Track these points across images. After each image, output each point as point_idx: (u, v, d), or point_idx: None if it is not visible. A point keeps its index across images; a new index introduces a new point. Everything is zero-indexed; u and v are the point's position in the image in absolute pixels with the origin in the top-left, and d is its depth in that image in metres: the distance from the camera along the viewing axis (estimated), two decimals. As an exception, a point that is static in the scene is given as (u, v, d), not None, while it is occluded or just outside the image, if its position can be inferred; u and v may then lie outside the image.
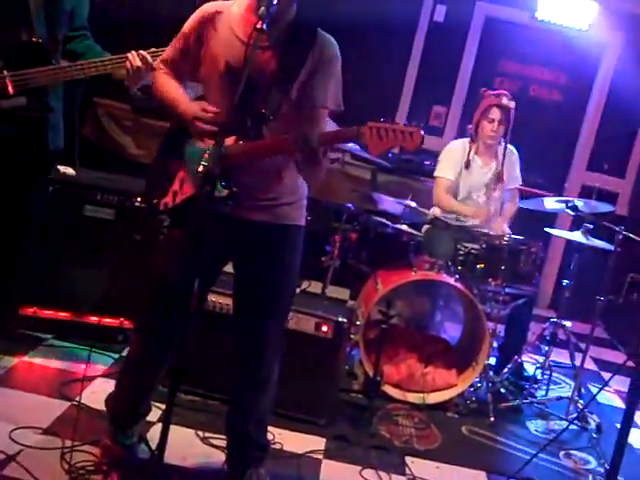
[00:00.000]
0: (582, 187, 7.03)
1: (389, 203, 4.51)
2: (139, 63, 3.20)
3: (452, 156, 4.84)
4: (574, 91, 7.10)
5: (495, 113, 4.66)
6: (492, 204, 4.80)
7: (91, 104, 5.90)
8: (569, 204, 4.39)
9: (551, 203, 4.53)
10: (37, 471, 2.81)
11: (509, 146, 4.79)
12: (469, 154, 4.76)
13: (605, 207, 4.54)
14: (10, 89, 3.19)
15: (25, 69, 3.21)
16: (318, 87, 2.68)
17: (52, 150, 3.49)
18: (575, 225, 5.26)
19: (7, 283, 3.68)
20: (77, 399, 3.32)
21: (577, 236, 4.31)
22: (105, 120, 5.97)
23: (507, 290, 4.31)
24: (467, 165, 4.75)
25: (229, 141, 2.58)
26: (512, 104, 4.67)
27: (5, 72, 3.17)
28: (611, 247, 4.32)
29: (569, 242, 5.18)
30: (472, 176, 4.79)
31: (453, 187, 4.82)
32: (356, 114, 2.70)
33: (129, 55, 3.24)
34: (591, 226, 4.31)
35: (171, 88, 2.79)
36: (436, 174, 4.89)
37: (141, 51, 3.23)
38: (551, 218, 6.44)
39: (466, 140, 4.86)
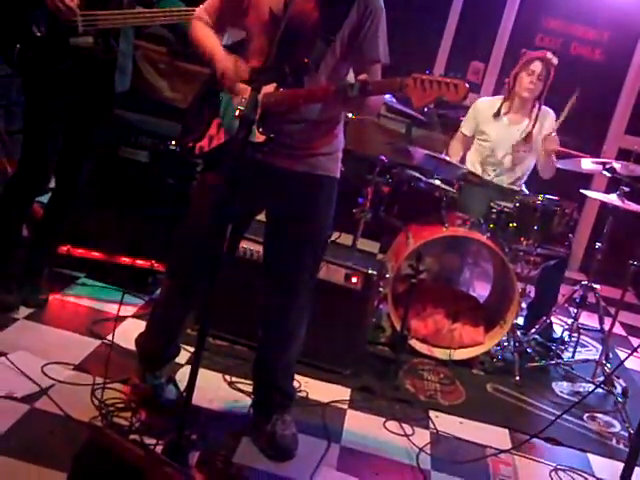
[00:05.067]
0: (619, 150, 6.91)
1: (423, 157, 4.46)
2: None
3: (473, 113, 4.84)
4: (617, 51, 6.93)
5: (537, 66, 4.57)
6: (517, 165, 4.73)
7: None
8: (606, 166, 4.33)
9: (588, 164, 4.47)
10: (67, 406, 2.86)
11: (545, 107, 4.70)
12: (500, 108, 4.70)
13: (643, 170, 4.47)
14: (79, 27, 3.24)
15: (98, 10, 3.27)
16: (369, 42, 2.65)
17: (118, 92, 3.52)
18: (611, 188, 5.18)
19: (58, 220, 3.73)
20: (109, 338, 3.37)
21: (613, 199, 4.25)
22: (141, 62, 5.92)
23: (539, 250, 4.27)
24: (496, 115, 4.69)
25: (269, 88, 2.56)
26: (555, 60, 4.58)
27: (77, 10, 3.22)
28: (646, 212, 4.26)
29: (604, 205, 5.12)
30: (497, 133, 4.71)
31: (467, 142, 4.88)
32: (393, 69, 2.66)
33: None
34: (627, 189, 4.25)
35: (209, 41, 2.77)
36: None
37: None
38: (587, 180, 6.36)
39: (497, 97, 4.81)
